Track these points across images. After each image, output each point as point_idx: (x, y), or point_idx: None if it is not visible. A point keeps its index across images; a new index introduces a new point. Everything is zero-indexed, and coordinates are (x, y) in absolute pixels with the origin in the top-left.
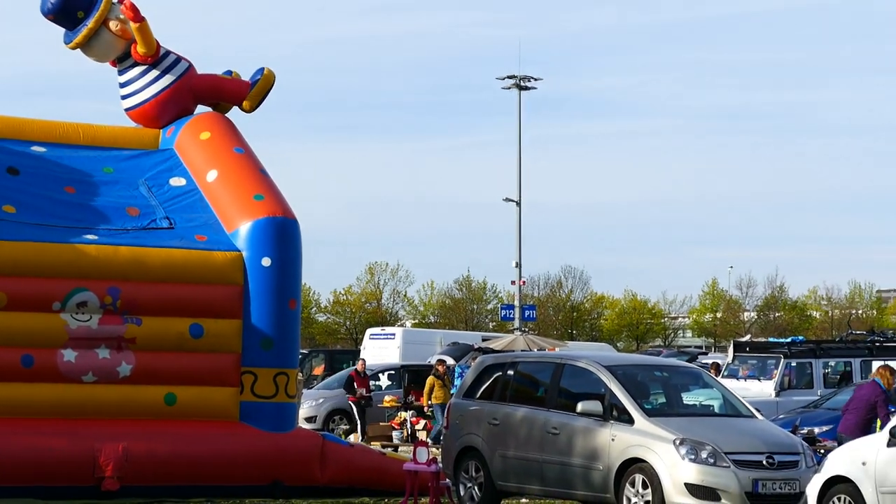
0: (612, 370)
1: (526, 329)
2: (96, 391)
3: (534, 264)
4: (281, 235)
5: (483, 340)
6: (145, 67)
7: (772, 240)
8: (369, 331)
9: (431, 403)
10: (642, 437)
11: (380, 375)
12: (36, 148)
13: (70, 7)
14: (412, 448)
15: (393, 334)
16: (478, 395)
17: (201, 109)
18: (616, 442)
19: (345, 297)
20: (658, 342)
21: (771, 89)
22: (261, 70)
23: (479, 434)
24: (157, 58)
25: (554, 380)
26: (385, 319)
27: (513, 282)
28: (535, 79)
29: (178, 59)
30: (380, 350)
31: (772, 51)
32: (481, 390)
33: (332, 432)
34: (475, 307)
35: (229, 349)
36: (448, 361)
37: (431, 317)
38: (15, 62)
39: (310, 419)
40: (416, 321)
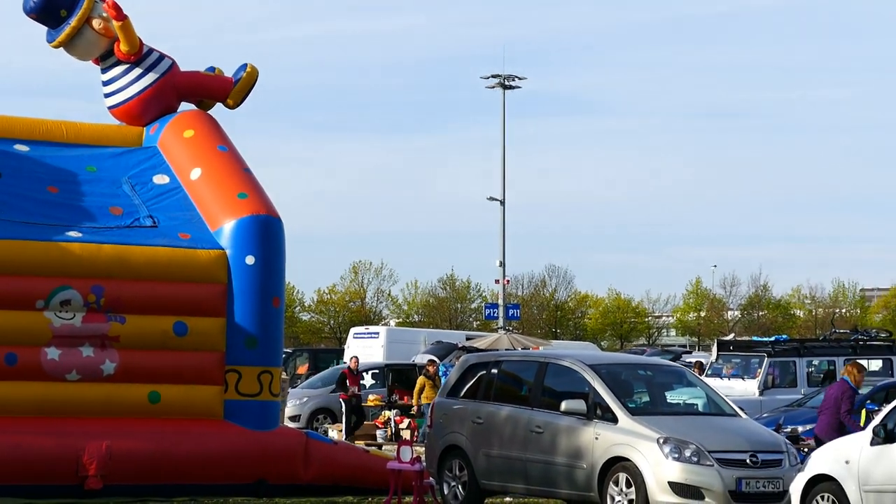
0: (596, 369)
1: (510, 328)
2: (80, 389)
3: (518, 263)
4: (265, 234)
5: (467, 339)
6: (128, 65)
7: (755, 239)
8: (353, 330)
9: (422, 403)
10: (626, 436)
11: (364, 374)
12: (19, 146)
13: (53, 5)
14: (396, 447)
15: (377, 333)
16: (462, 394)
17: (185, 107)
18: (600, 441)
19: (329, 296)
20: (642, 341)
21: (754, 87)
22: (244, 66)
23: (463, 433)
24: (141, 56)
25: (538, 379)
26: (369, 318)
27: (497, 281)
28: (520, 78)
29: (162, 57)
30: (364, 349)
31: (756, 49)
32: (465, 389)
33: (317, 431)
34: (459, 306)
35: (213, 347)
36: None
37: (415, 316)
38: None
39: (294, 418)
40: (400, 320)
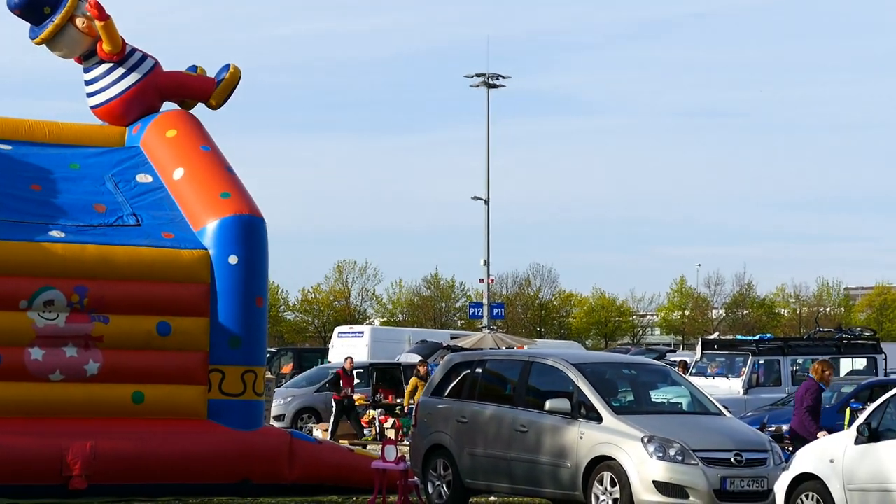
0: (581, 368)
1: (494, 327)
2: (64, 390)
3: (502, 262)
4: (248, 233)
5: (451, 338)
6: (111, 65)
7: (740, 238)
8: (338, 329)
9: (412, 404)
10: (610, 435)
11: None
12: (1, 146)
13: (36, 2)
14: (381, 446)
15: (361, 332)
16: (446, 394)
17: (168, 107)
18: (584, 440)
19: (313, 296)
20: (626, 340)
21: (738, 87)
22: (227, 67)
23: (448, 432)
24: (123, 55)
25: (522, 378)
26: (353, 318)
27: (481, 280)
28: (504, 77)
29: (144, 57)
30: (348, 348)
31: (739, 48)
32: (449, 388)
33: (301, 430)
34: (444, 305)
35: (197, 347)
36: (416, 360)
37: (400, 315)
38: None
39: (278, 417)
40: (385, 319)
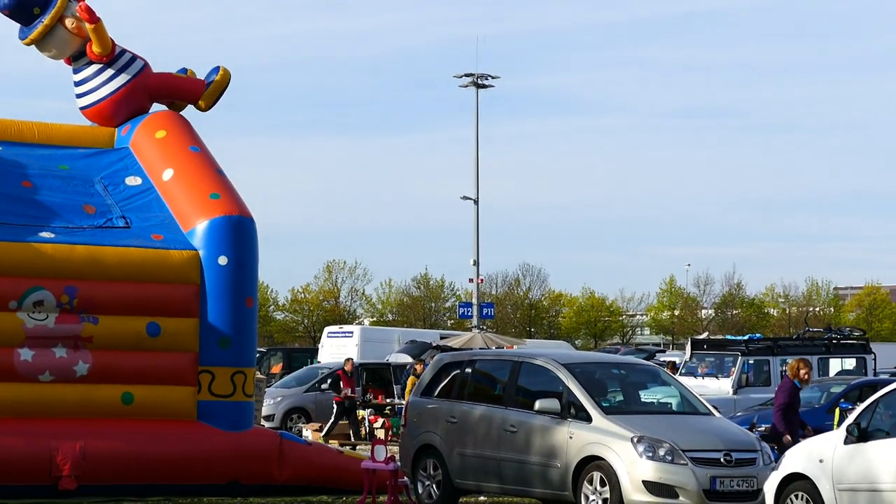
0: (570, 368)
1: (484, 327)
2: (53, 390)
3: (492, 262)
4: (237, 234)
5: (441, 338)
6: (101, 66)
7: (729, 237)
8: (327, 329)
9: None
10: (600, 435)
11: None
12: None
13: (26, 3)
14: (370, 446)
15: (351, 332)
16: (436, 394)
17: (157, 108)
18: (574, 440)
19: (302, 296)
20: (616, 340)
21: (729, 87)
22: (216, 68)
23: (437, 432)
24: (113, 57)
25: (512, 378)
26: (343, 317)
27: (471, 279)
28: (493, 77)
29: (134, 58)
30: (338, 348)
31: (731, 49)
32: (439, 388)
33: (291, 430)
34: (433, 305)
35: (186, 348)
36: (406, 360)
37: (389, 315)
38: None
39: (268, 417)
40: (374, 319)
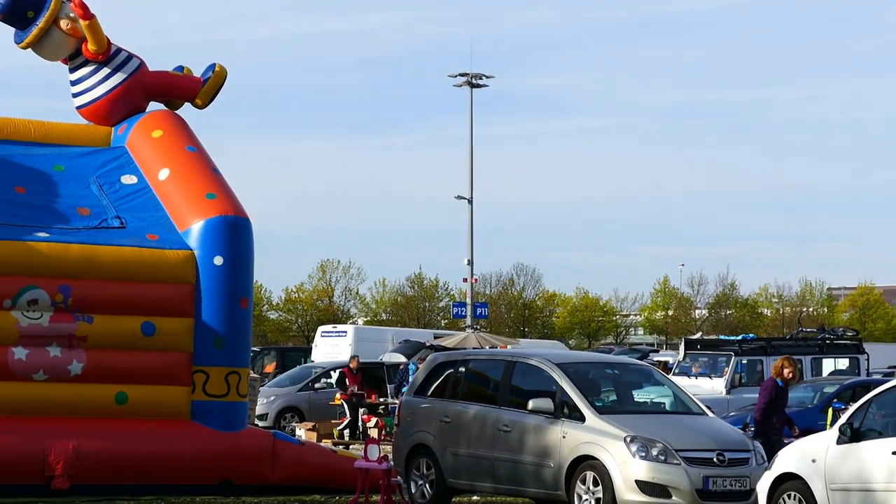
0: (564, 368)
1: (478, 327)
2: (47, 389)
3: (486, 262)
4: (233, 234)
5: (435, 338)
6: (96, 65)
7: (723, 237)
8: (321, 328)
9: None
10: (593, 435)
11: (331, 373)
12: None
13: (20, 7)
14: (363, 446)
15: (345, 332)
16: (429, 393)
17: (153, 107)
18: (567, 439)
19: (296, 295)
20: (610, 340)
21: (722, 87)
22: (212, 66)
23: (431, 431)
24: (109, 55)
25: (505, 377)
26: (337, 317)
27: (465, 279)
28: (487, 76)
29: (130, 57)
30: (331, 347)
31: (723, 49)
32: (433, 388)
33: (284, 429)
34: (427, 305)
35: (181, 348)
36: (400, 359)
37: (383, 314)
38: None
39: (261, 417)
40: (368, 319)
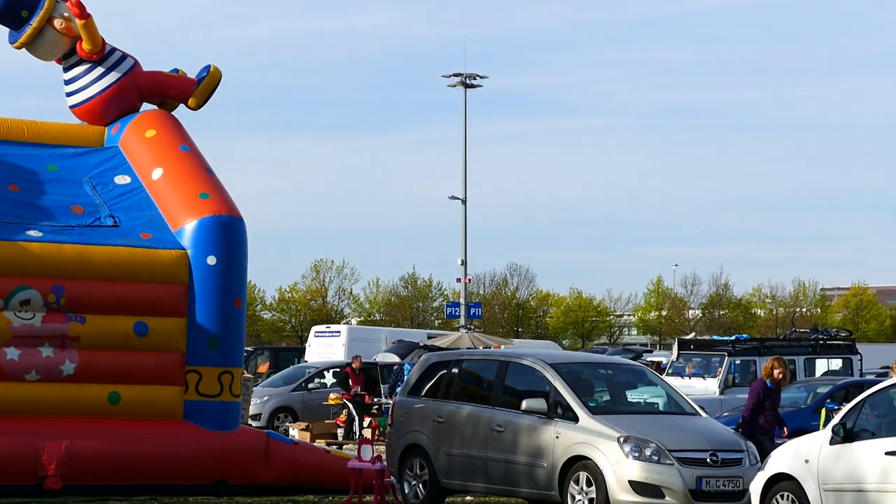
0: (557, 368)
1: (471, 327)
2: (40, 389)
3: (479, 262)
4: (226, 234)
5: (428, 338)
6: (91, 64)
7: (716, 238)
8: (314, 328)
9: None
10: (587, 435)
11: (325, 373)
12: None
13: (14, 6)
14: (357, 446)
15: (338, 332)
16: (423, 393)
17: (147, 107)
18: (560, 439)
19: (290, 295)
20: (603, 340)
21: (715, 87)
22: (207, 67)
23: (424, 432)
24: (103, 55)
25: (499, 378)
26: (330, 317)
27: (458, 279)
28: (481, 76)
29: (124, 57)
30: (325, 347)
31: (716, 49)
32: (426, 388)
33: (278, 429)
34: (421, 305)
35: (174, 348)
36: (393, 359)
37: (377, 314)
38: None
39: (254, 417)
40: (362, 319)
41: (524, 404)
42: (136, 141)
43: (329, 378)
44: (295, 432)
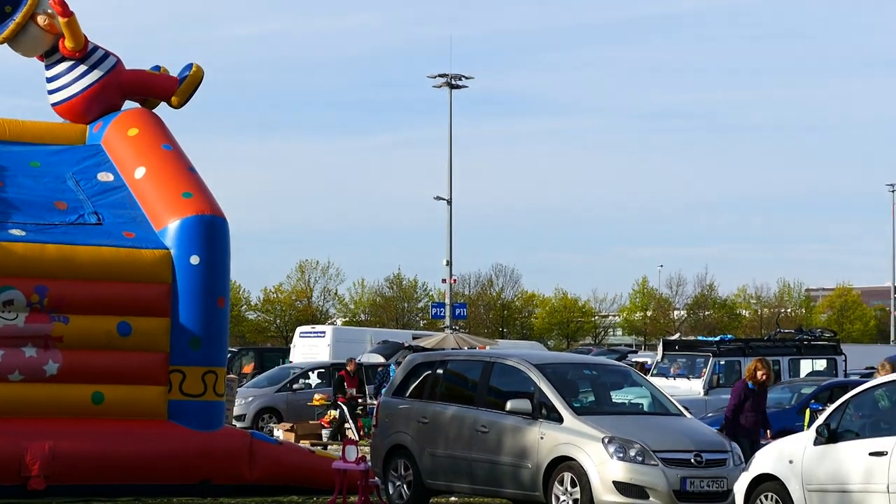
0: (542, 368)
1: (456, 327)
2: (23, 390)
3: (464, 262)
4: (209, 234)
5: (413, 339)
6: (73, 62)
7: (701, 239)
8: (299, 329)
9: None
10: (571, 436)
11: (309, 374)
12: None
13: None
14: (341, 446)
15: (323, 332)
16: (407, 394)
17: (129, 105)
18: (545, 440)
19: (275, 295)
20: (588, 340)
21: (700, 89)
22: (189, 66)
23: (409, 432)
24: (86, 53)
25: (483, 378)
26: (315, 317)
27: (443, 280)
28: (467, 77)
29: (107, 55)
30: (310, 348)
31: (702, 50)
32: (411, 389)
33: (262, 430)
34: (406, 305)
35: (157, 348)
36: (378, 360)
37: (362, 315)
38: None
39: (239, 417)
40: (347, 319)
41: (509, 405)
42: (119, 139)
43: (314, 379)
44: (279, 433)
